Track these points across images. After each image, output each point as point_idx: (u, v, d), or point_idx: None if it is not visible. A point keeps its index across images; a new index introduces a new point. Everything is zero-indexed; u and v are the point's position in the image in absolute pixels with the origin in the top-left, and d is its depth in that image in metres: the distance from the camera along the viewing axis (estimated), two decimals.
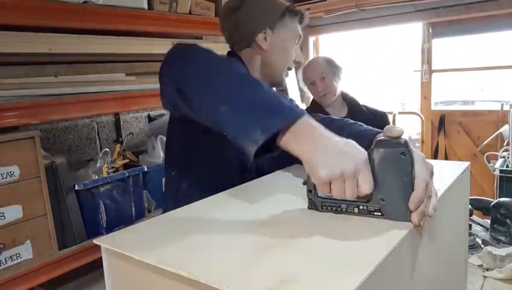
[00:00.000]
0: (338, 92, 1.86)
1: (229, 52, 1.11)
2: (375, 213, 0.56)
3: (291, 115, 0.57)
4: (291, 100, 1.15)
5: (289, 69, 1.12)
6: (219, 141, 0.94)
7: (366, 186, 0.54)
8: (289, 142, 0.57)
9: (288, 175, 0.86)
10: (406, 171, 0.54)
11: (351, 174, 0.53)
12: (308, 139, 0.56)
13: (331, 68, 1.84)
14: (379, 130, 0.77)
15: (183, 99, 0.70)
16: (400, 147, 0.54)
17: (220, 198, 0.72)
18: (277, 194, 0.72)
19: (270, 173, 0.89)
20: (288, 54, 1.09)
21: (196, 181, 0.98)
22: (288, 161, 1.14)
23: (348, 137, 0.57)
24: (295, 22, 1.10)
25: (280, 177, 0.86)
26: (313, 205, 0.62)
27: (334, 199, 0.58)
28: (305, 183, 0.62)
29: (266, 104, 0.59)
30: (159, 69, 0.78)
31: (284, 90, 2.91)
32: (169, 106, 0.83)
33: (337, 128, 0.85)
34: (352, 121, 0.90)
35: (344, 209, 0.59)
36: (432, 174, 0.59)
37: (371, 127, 0.83)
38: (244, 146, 0.57)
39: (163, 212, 0.99)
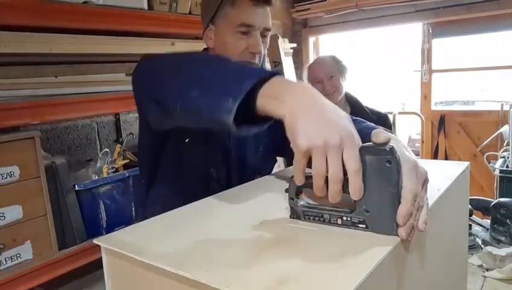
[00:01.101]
0: (343, 92, 1.86)
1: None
2: (360, 225, 0.52)
3: (260, 74, 0.53)
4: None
5: (250, 64, 0.95)
6: (183, 149, 0.94)
7: (352, 162, 0.47)
8: (266, 104, 0.52)
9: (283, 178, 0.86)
10: (391, 180, 0.49)
11: (334, 147, 0.47)
12: (289, 98, 0.50)
13: (338, 67, 1.84)
14: (382, 128, 0.76)
15: (163, 108, 0.67)
16: (385, 155, 0.49)
17: (220, 198, 0.72)
18: (276, 195, 0.72)
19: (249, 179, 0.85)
20: (229, 48, 0.94)
21: (161, 189, 0.97)
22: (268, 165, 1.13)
23: None
24: (239, 7, 0.92)
25: (269, 181, 0.86)
26: (295, 214, 0.57)
27: (317, 208, 0.55)
28: (287, 190, 0.58)
29: (232, 74, 0.57)
30: (133, 91, 0.78)
31: None
32: (156, 125, 0.80)
33: None
34: (355, 118, 0.87)
35: (327, 220, 0.54)
36: (425, 182, 0.54)
37: (374, 125, 0.79)
38: (221, 120, 0.53)
39: (136, 216, 1.01)
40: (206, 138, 0.95)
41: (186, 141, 0.95)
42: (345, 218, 0.53)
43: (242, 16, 0.91)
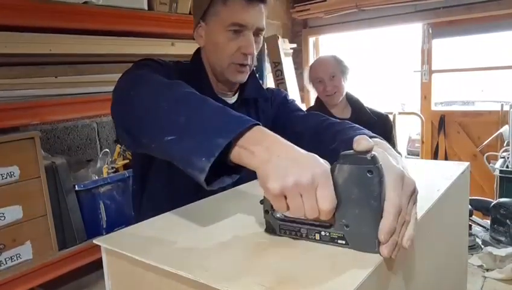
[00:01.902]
0: (344, 93, 1.86)
1: (195, 52, 1.00)
2: (339, 241, 0.48)
3: (235, 129, 0.51)
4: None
5: (242, 65, 0.91)
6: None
7: (325, 202, 0.45)
8: (241, 156, 0.51)
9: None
10: (373, 192, 0.45)
11: (307, 185, 0.45)
12: (261, 148, 0.49)
13: (340, 67, 1.83)
14: (377, 136, 0.70)
15: (137, 142, 0.65)
16: (365, 164, 0.45)
17: (220, 199, 0.72)
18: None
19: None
20: (219, 49, 0.90)
21: (151, 199, 0.95)
22: None
23: (339, 145, 0.52)
24: (231, 5, 0.87)
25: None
26: (270, 228, 0.53)
27: (293, 222, 0.51)
28: (262, 202, 0.54)
29: (205, 125, 0.53)
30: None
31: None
32: (130, 150, 0.79)
33: (334, 132, 0.81)
34: (352, 125, 0.82)
35: (304, 235, 0.50)
36: (412, 194, 0.49)
37: (371, 133, 0.74)
38: (193, 175, 0.52)
39: (135, 219, 0.99)
40: None
41: None
42: (323, 233, 0.49)
43: (234, 14, 0.86)
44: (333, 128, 0.83)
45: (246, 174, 0.57)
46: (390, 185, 0.46)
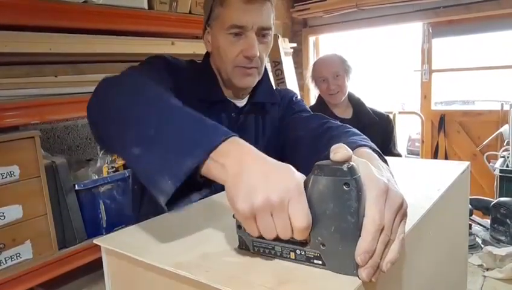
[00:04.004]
0: (347, 92, 1.86)
1: (205, 55, 0.98)
2: (315, 261, 0.43)
3: (206, 145, 0.46)
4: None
5: (247, 68, 0.88)
6: None
7: (298, 219, 0.41)
8: (210, 169, 0.47)
9: None
10: (350, 207, 0.40)
11: (277, 204, 0.41)
12: (232, 161, 0.45)
13: (344, 66, 1.83)
14: (372, 145, 0.65)
15: (106, 147, 0.63)
16: (341, 176, 0.40)
17: (220, 199, 0.72)
18: None
19: None
20: (222, 53, 0.87)
21: (152, 200, 0.91)
22: None
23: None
24: (229, 6, 0.83)
25: None
26: (243, 245, 0.49)
27: (266, 240, 0.45)
28: (234, 216, 0.48)
29: (174, 140, 0.48)
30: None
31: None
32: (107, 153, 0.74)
33: (329, 138, 0.77)
34: (348, 130, 0.78)
35: (279, 253, 0.46)
36: (399, 210, 0.44)
37: (366, 141, 0.68)
38: (155, 197, 0.48)
39: (130, 218, 0.97)
40: None
41: None
42: (298, 252, 0.44)
43: (232, 16, 0.83)
44: (329, 133, 0.80)
45: None
46: (371, 199, 0.41)
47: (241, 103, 0.97)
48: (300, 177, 0.44)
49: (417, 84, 3.45)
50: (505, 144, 2.75)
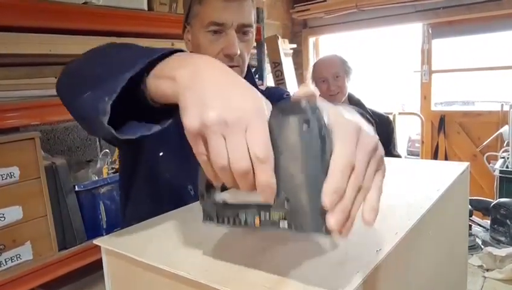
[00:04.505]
0: (347, 93, 1.86)
1: None
2: (281, 224, 0.36)
3: (147, 58, 0.42)
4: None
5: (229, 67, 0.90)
6: (157, 164, 0.85)
7: (257, 147, 0.33)
8: (158, 88, 0.41)
9: None
10: (311, 150, 0.33)
11: (232, 125, 0.34)
12: (184, 72, 0.38)
13: (344, 67, 1.83)
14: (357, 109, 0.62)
15: (70, 111, 0.59)
16: (300, 113, 0.34)
17: None
18: None
19: None
20: (201, 51, 0.84)
21: (135, 208, 0.89)
22: None
23: None
24: (207, 3, 0.82)
25: None
26: (207, 216, 0.43)
27: (231, 206, 0.40)
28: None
29: (118, 67, 0.44)
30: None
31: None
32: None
33: None
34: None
35: (243, 221, 0.39)
36: (372, 152, 0.37)
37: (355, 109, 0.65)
38: (101, 130, 0.44)
39: (120, 225, 0.96)
40: (183, 150, 0.86)
41: (160, 154, 0.85)
42: (263, 216, 0.37)
43: (211, 13, 0.80)
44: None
45: None
46: (341, 138, 0.35)
47: None
48: (265, 101, 0.37)
49: (417, 85, 3.45)
50: (504, 144, 2.76)
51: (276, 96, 1.01)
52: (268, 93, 1.02)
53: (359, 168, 0.35)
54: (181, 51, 0.44)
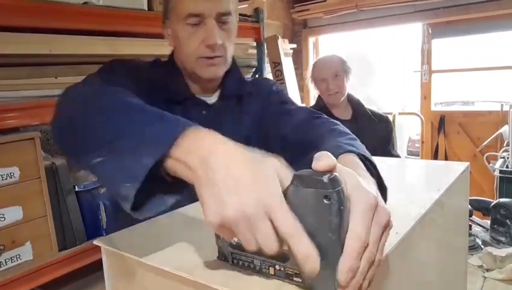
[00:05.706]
0: (346, 93, 1.86)
1: (170, 55, 0.93)
2: (295, 278, 0.40)
3: (163, 143, 0.42)
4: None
5: (211, 58, 0.83)
6: None
7: (285, 228, 0.35)
8: (176, 171, 0.42)
9: None
10: (331, 223, 0.36)
11: (256, 215, 0.35)
12: (195, 160, 0.40)
13: (344, 67, 1.84)
14: (359, 149, 0.59)
15: (73, 162, 0.59)
16: (321, 188, 0.36)
17: None
18: None
19: None
20: (183, 45, 0.84)
21: (125, 212, 0.86)
22: None
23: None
24: None
25: None
26: (222, 256, 0.46)
27: (246, 252, 0.42)
28: None
29: (131, 140, 0.44)
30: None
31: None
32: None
33: (316, 137, 0.72)
34: (337, 129, 0.72)
35: (258, 268, 0.42)
36: (385, 228, 0.40)
37: (353, 143, 0.62)
38: (122, 205, 0.45)
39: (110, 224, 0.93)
40: None
41: None
42: (277, 267, 0.41)
43: (187, 5, 0.80)
44: (316, 132, 0.74)
45: None
46: (358, 213, 0.37)
47: (211, 99, 0.91)
48: (284, 172, 0.39)
49: (417, 85, 3.45)
50: (504, 144, 2.76)
51: (265, 90, 0.98)
52: (256, 86, 0.98)
53: (373, 244, 0.38)
54: (187, 124, 0.44)
